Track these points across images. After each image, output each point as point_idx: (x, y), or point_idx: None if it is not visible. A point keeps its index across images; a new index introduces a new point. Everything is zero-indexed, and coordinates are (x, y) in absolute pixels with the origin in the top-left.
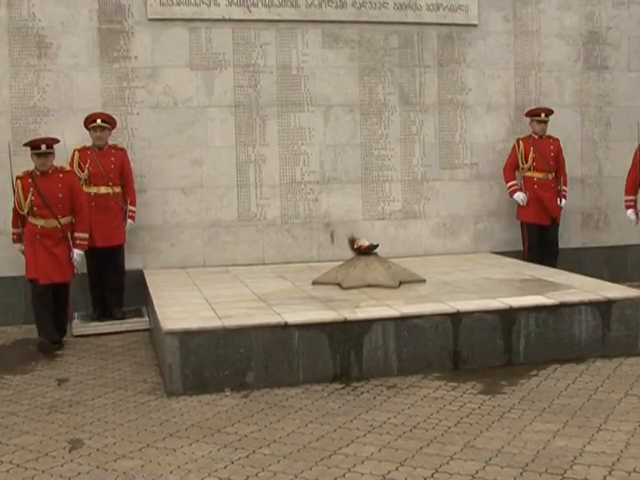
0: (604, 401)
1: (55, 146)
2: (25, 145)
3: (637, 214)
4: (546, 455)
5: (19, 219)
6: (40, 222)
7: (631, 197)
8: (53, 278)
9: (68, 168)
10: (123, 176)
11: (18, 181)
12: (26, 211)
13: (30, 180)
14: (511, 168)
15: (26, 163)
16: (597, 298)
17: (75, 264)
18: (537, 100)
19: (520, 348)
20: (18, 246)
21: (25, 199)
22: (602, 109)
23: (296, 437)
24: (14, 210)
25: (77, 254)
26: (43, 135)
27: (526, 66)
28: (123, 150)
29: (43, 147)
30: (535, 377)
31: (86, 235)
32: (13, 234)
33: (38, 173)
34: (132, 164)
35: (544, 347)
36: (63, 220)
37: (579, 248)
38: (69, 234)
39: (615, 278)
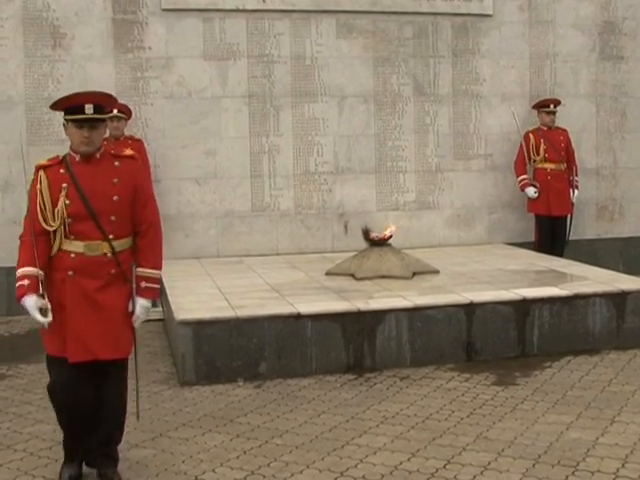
0: (618, 393)
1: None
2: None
3: None
4: (559, 447)
5: (37, 247)
6: (77, 247)
7: None
8: (96, 352)
9: (129, 151)
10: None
11: (41, 173)
12: (54, 227)
13: (63, 171)
14: (522, 162)
15: (42, 153)
16: (611, 290)
17: (136, 324)
18: (552, 90)
19: (534, 339)
20: (34, 302)
21: (54, 204)
22: (617, 100)
23: (308, 427)
24: (26, 230)
25: (142, 307)
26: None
27: (541, 56)
28: (140, 141)
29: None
30: (549, 368)
31: (158, 273)
32: (24, 279)
33: (77, 158)
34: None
35: (558, 338)
36: (118, 244)
37: (594, 239)
38: (128, 269)
39: (630, 270)
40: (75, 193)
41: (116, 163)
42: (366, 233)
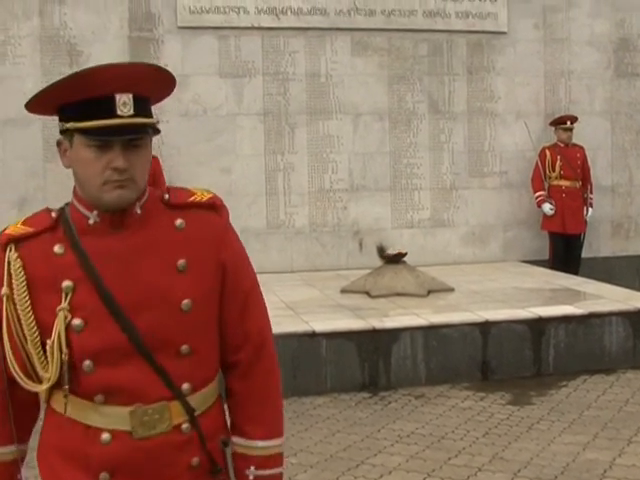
0: (635, 413)
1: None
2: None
3: None
4: (576, 468)
5: (13, 407)
6: (113, 418)
7: None
8: None
9: (201, 192)
10: (155, 184)
11: (10, 254)
12: (49, 382)
13: (61, 248)
14: (539, 178)
15: (59, 171)
16: (627, 308)
17: None
18: (567, 108)
19: (549, 358)
20: None
21: (45, 330)
22: (633, 117)
23: (323, 446)
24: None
25: None
26: None
27: (556, 74)
28: (155, 158)
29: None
30: (564, 388)
31: (280, 446)
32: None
33: (91, 218)
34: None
35: (574, 358)
36: (198, 399)
37: (609, 257)
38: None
39: None
40: (94, 300)
41: (178, 222)
42: (381, 251)
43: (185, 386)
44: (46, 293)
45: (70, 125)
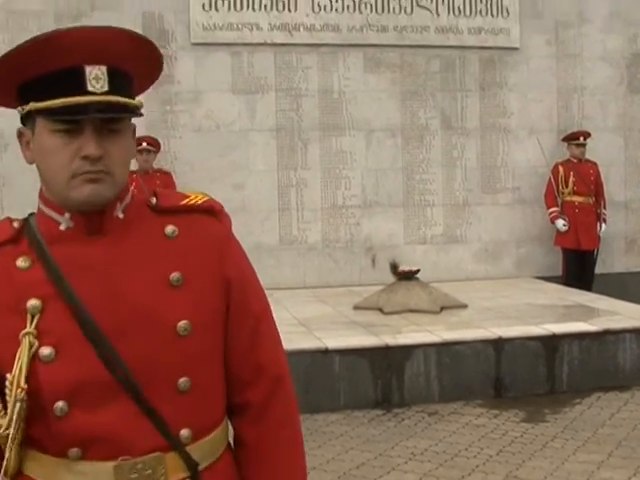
0: None
1: None
2: None
3: None
4: None
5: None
6: (91, 477)
7: None
8: None
9: (196, 195)
10: None
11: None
12: (4, 431)
13: (25, 261)
14: (552, 194)
15: None
16: None
17: None
18: (580, 124)
19: (563, 375)
20: None
21: (3, 363)
22: None
23: (336, 464)
24: None
25: None
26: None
27: (569, 90)
28: (168, 174)
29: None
30: (578, 405)
31: None
32: None
33: (62, 223)
34: (176, 188)
35: (587, 375)
36: (202, 450)
37: (623, 273)
38: None
39: None
40: (67, 323)
41: (169, 229)
42: (394, 267)
43: (184, 433)
44: (6, 316)
45: (30, 106)
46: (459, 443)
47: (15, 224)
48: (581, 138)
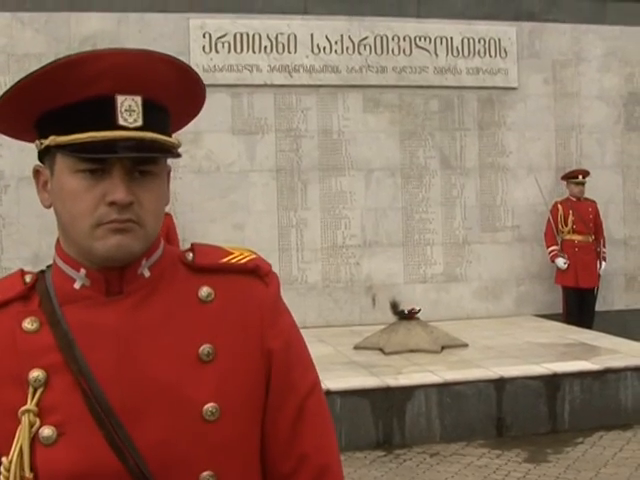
0: None
1: None
2: None
3: None
4: None
5: None
6: None
7: None
8: None
9: (240, 252)
10: (169, 241)
11: None
12: None
13: (33, 323)
14: (551, 233)
15: None
16: None
17: None
18: (578, 162)
19: (565, 415)
20: None
21: None
22: None
23: None
24: None
25: None
26: None
27: (566, 128)
28: (169, 215)
29: None
30: (581, 445)
31: None
32: None
33: (77, 281)
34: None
35: (589, 414)
36: None
37: (623, 310)
38: None
39: None
40: (74, 399)
41: (204, 292)
42: (394, 306)
43: None
44: (6, 387)
45: (50, 140)
46: None
47: (27, 278)
48: (580, 176)
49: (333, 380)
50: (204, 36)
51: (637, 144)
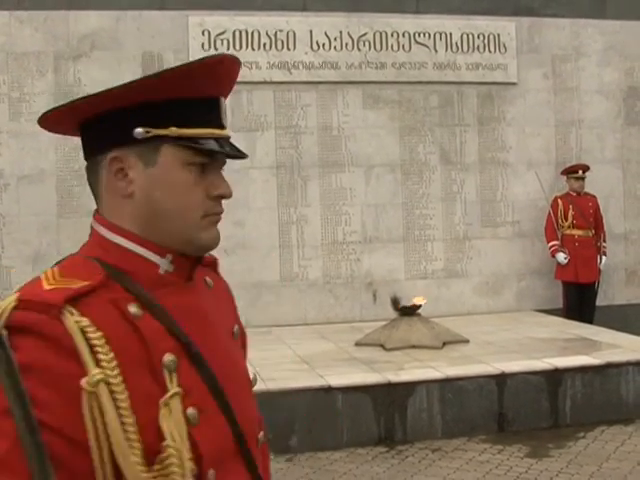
0: None
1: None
2: None
3: None
4: None
5: None
6: None
7: None
8: None
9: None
10: None
11: (71, 321)
12: None
13: (138, 309)
14: (551, 227)
15: (72, 225)
16: None
17: None
18: (578, 157)
19: (566, 409)
20: None
21: (145, 431)
22: None
23: None
24: None
25: None
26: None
27: (566, 123)
28: None
29: None
30: (582, 439)
31: None
32: None
33: (161, 266)
34: None
35: (591, 408)
36: None
37: (624, 305)
38: None
39: None
40: (197, 381)
41: (208, 281)
42: (395, 302)
43: None
44: (139, 374)
45: (169, 131)
46: None
47: (99, 262)
48: (580, 171)
49: (334, 376)
50: (203, 33)
51: (637, 138)
